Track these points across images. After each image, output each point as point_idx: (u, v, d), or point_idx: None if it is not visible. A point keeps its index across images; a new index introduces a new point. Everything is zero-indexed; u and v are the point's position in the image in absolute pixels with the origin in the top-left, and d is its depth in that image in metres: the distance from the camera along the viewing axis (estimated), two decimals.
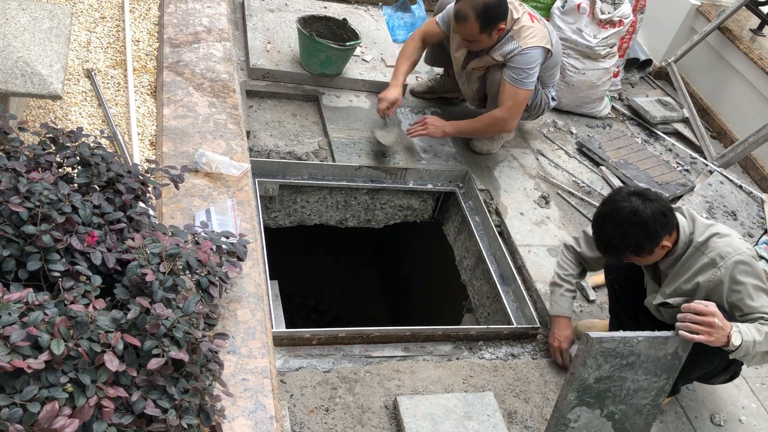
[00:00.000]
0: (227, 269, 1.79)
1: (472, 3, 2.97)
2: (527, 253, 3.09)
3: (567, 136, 4.02)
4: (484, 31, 3.02)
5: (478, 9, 2.95)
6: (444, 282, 3.94)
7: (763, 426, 2.59)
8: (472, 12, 2.96)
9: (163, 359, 1.37)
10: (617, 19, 3.91)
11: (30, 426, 1.22)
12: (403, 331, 2.63)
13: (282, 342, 2.48)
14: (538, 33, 3.11)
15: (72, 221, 1.59)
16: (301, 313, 5.07)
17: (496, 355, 2.68)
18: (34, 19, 2.17)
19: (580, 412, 2.18)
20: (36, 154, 1.74)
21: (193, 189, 2.23)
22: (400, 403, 2.31)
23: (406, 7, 4.48)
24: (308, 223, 3.46)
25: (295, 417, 2.24)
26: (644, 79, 4.83)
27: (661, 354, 2.11)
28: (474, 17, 2.97)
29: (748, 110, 4.27)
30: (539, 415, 2.46)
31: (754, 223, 3.67)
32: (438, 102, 3.91)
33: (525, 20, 3.09)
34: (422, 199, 3.53)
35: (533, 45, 3.08)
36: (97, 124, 2.46)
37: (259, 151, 3.23)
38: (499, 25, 3.03)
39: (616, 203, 2.15)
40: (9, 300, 1.35)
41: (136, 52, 2.86)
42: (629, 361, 2.10)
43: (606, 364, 2.09)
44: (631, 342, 2.07)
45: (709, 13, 4.58)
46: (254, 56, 3.65)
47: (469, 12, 2.97)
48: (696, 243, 2.19)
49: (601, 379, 2.12)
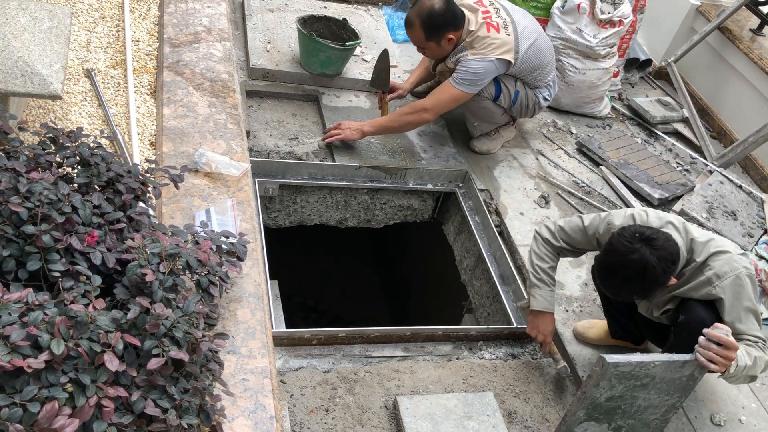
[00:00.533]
0: (227, 269, 1.79)
1: (418, 10, 3.07)
2: (527, 253, 3.09)
3: (567, 136, 4.02)
4: (430, 39, 3.10)
5: (423, 16, 3.05)
6: (444, 282, 3.94)
7: (763, 426, 2.59)
8: (417, 19, 3.07)
9: (163, 359, 1.37)
10: (617, 19, 3.91)
11: (30, 426, 1.22)
12: (403, 331, 2.63)
13: (282, 342, 2.48)
14: (493, 43, 3.10)
15: (72, 221, 1.59)
16: (301, 313, 5.07)
17: (496, 355, 2.68)
18: (34, 19, 2.17)
19: (587, 426, 2.17)
20: (36, 154, 1.74)
21: (193, 189, 2.23)
22: (400, 403, 2.31)
23: (406, 7, 4.48)
24: (308, 223, 3.46)
25: (295, 417, 2.24)
26: (644, 79, 4.83)
27: (676, 376, 2.10)
28: (419, 24, 3.07)
29: (748, 110, 4.27)
30: (539, 415, 2.46)
31: (754, 223, 3.67)
32: None
33: (481, 31, 3.10)
34: (422, 199, 3.53)
35: (482, 57, 3.10)
36: (97, 124, 2.46)
37: (259, 151, 3.23)
38: (447, 35, 3.09)
39: (623, 256, 2.06)
40: (9, 300, 1.35)
41: (136, 52, 2.86)
42: (643, 382, 2.08)
43: (619, 385, 2.07)
44: (648, 366, 2.04)
45: (709, 13, 4.58)
46: (254, 56, 3.65)
47: (414, 19, 3.08)
48: (695, 264, 2.17)
49: (613, 398, 2.11)
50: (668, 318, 2.33)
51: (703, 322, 2.10)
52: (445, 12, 3.04)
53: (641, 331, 2.59)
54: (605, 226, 2.31)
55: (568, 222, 2.44)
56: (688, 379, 2.12)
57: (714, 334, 2.01)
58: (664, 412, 2.21)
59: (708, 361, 2.01)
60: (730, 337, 2.01)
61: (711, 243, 2.19)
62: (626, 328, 2.62)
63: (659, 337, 2.49)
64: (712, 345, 2.01)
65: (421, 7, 3.05)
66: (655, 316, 2.37)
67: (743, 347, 2.07)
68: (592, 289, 2.97)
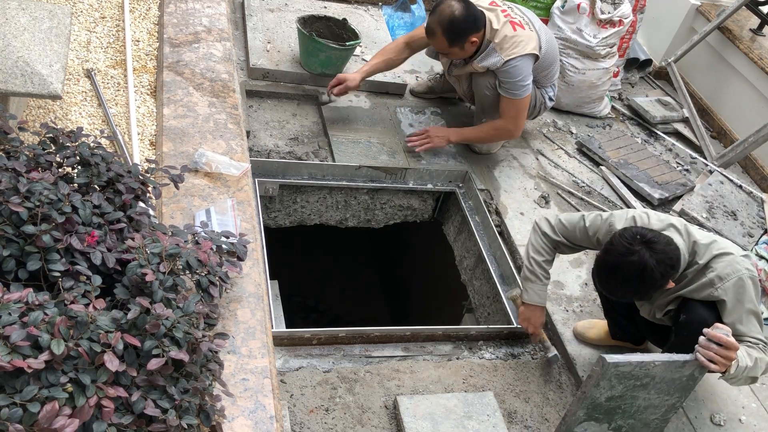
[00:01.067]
0: (227, 269, 1.79)
1: (438, 18, 3.01)
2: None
3: (567, 136, 4.02)
4: (454, 45, 3.06)
5: (444, 24, 2.99)
6: (444, 282, 3.93)
7: (763, 426, 2.59)
8: (438, 27, 3.01)
9: (163, 359, 1.37)
10: (617, 19, 3.91)
11: (30, 426, 1.22)
12: (403, 331, 2.63)
13: (282, 342, 2.48)
14: (522, 40, 3.10)
15: (72, 221, 1.59)
16: (301, 313, 5.06)
17: (496, 355, 2.68)
18: (34, 18, 2.17)
19: (587, 426, 2.17)
20: (36, 154, 1.74)
21: (193, 189, 2.23)
22: (400, 403, 2.31)
23: (406, 7, 4.48)
24: (308, 223, 3.46)
25: (295, 417, 2.24)
26: (644, 79, 4.83)
27: (676, 376, 2.10)
28: (441, 32, 3.02)
29: (748, 110, 4.27)
30: (539, 414, 2.46)
31: (754, 223, 3.67)
32: (438, 102, 3.91)
33: (507, 30, 3.08)
34: (422, 199, 3.53)
35: (517, 55, 3.09)
36: (97, 124, 2.46)
37: (259, 151, 3.23)
38: (471, 37, 3.04)
39: (623, 257, 2.05)
40: (9, 300, 1.35)
41: (136, 51, 2.86)
42: (643, 382, 2.09)
43: (619, 385, 2.07)
44: (648, 366, 2.04)
45: (709, 13, 4.58)
46: (254, 56, 3.65)
47: (436, 27, 3.02)
48: (698, 266, 2.17)
49: (613, 398, 2.11)
50: (670, 318, 2.33)
51: (704, 322, 2.10)
52: (466, 16, 3.00)
53: (641, 333, 2.59)
54: (606, 228, 2.31)
55: (569, 218, 2.44)
56: (688, 379, 2.12)
57: (714, 334, 2.01)
58: (664, 412, 2.21)
59: (708, 361, 2.01)
60: (730, 338, 2.00)
61: (713, 245, 2.19)
62: (626, 330, 2.62)
63: (660, 338, 2.48)
64: (713, 345, 2.01)
65: (441, 15, 3.00)
66: (657, 318, 2.37)
67: (744, 348, 2.07)
68: (592, 289, 2.97)
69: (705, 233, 2.27)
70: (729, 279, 2.12)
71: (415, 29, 3.50)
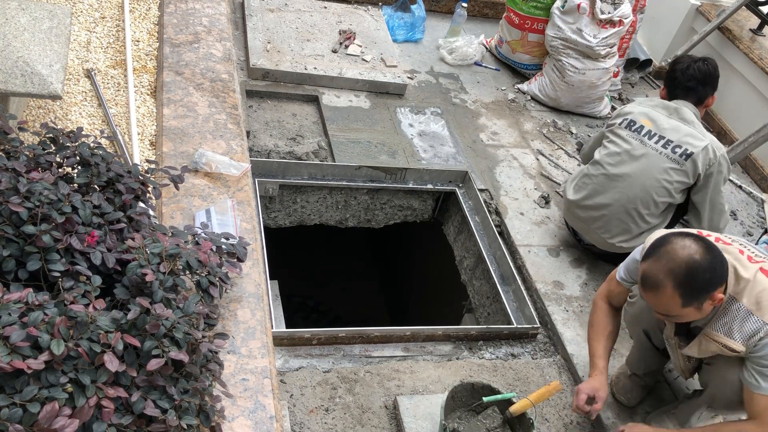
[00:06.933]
0: (227, 269, 1.79)
1: (668, 265, 1.96)
2: (527, 253, 3.09)
3: (567, 136, 4.02)
4: (688, 305, 1.98)
5: (679, 276, 1.94)
6: (444, 282, 3.93)
7: None
8: (669, 279, 1.95)
9: (163, 359, 1.37)
10: (617, 19, 3.91)
11: (30, 426, 1.22)
12: (403, 331, 2.63)
13: (282, 342, 2.48)
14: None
15: (72, 221, 1.59)
16: (301, 313, 5.07)
17: (496, 355, 2.68)
18: (34, 19, 2.17)
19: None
20: (36, 154, 1.74)
21: (193, 189, 2.23)
22: (400, 403, 2.31)
23: (406, 7, 4.48)
24: (308, 223, 3.46)
25: (295, 417, 2.24)
26: (644, 79, 4.83)
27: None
28: (672, 286, 1.95)
29: (748, 110, 4.27)
30: (539, 415, 2.46)
31: (754, 223, 3.67)
32: (438, 102, 3.90)
33: (761, 279, 2.01)
34: (422, 199, 3.53)
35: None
36: (97, 124, 2.46)
37: (259, 151, 3.23)
38: (715, 294, 1.98)
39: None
40: (9, 300, 1.35)
41: (136, 52, 2.86)
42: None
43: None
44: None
45: (709, 13, 4.58)
46: (254, 56, 3.65)
47: (664, 278, 1.96)
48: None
49: None
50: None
51: None
52: (711, 264, 1.96)
53: None
54: None
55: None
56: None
57: None
58: None
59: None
60: None
61: None
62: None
63: None
64: None
65: (673, 262, 1.95)
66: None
67: None
68: (592, 289, 2.97)
69: None
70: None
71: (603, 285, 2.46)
